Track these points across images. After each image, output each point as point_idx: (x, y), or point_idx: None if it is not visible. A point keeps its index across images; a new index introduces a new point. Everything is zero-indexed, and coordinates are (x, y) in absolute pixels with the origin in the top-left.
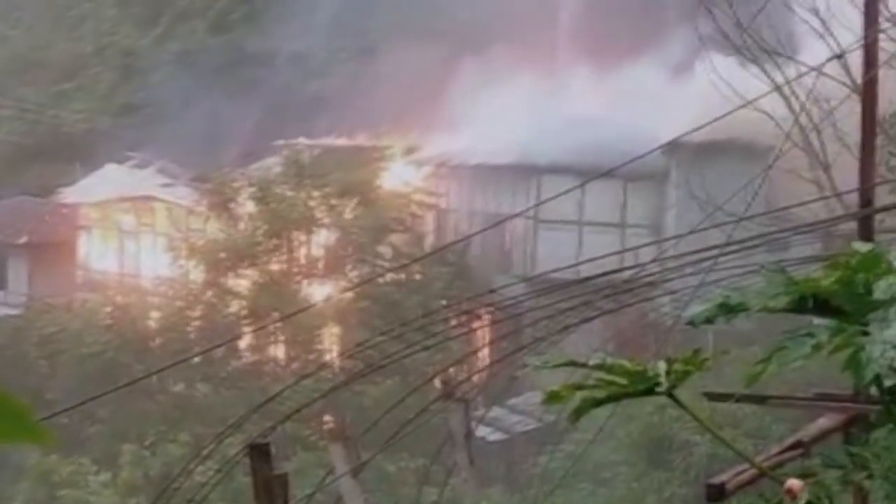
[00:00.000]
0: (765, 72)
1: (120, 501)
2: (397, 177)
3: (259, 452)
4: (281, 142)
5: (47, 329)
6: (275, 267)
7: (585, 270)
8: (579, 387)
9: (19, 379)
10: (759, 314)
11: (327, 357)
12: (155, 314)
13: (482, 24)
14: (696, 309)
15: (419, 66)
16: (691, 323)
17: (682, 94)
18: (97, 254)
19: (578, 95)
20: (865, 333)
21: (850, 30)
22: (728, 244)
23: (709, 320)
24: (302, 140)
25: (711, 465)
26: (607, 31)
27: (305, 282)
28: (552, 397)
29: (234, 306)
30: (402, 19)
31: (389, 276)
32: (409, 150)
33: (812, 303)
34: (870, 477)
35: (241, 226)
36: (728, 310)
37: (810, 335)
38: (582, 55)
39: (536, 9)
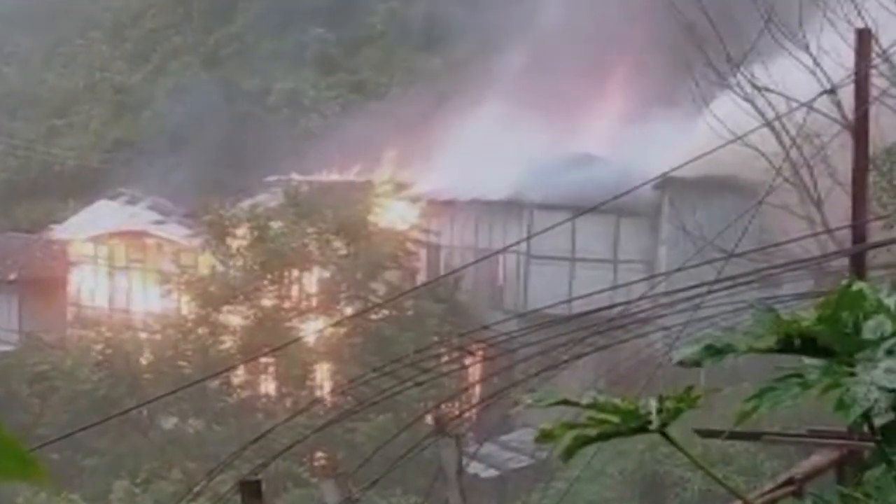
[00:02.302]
0: (756, 108)
1: None
2: (390, 213)
3: (250, 489)
4: (273, 178)
5: (39, 366)
6: (268, 303)
7: (578, 306)
8: (572, 425)
9: (11, 415)
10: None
11: (319, 393)
12: (147, 350)
13: (476, 61)
14: (684, 350)
15: (411, 103)
16: (681, 364)
17: (675, 130)
18: (88, 290)
19: (571, 133)
20: (853, 374)
21: (841, 66)
22: (719, 280)
23: (696, 363)
24: (294, 176)
25: (704, 501)
26: (599, 68)
27: (299, 318)
28: (545, 436)
29: (227, 342)
30: (394, 57)
31: (382, 312)
32: (402, 187)
33: (800, 342)
34: None
35: (235, 262)
36: (715, 352)
37: (798, 376)
38: (574, 93)
39: (529, 47)
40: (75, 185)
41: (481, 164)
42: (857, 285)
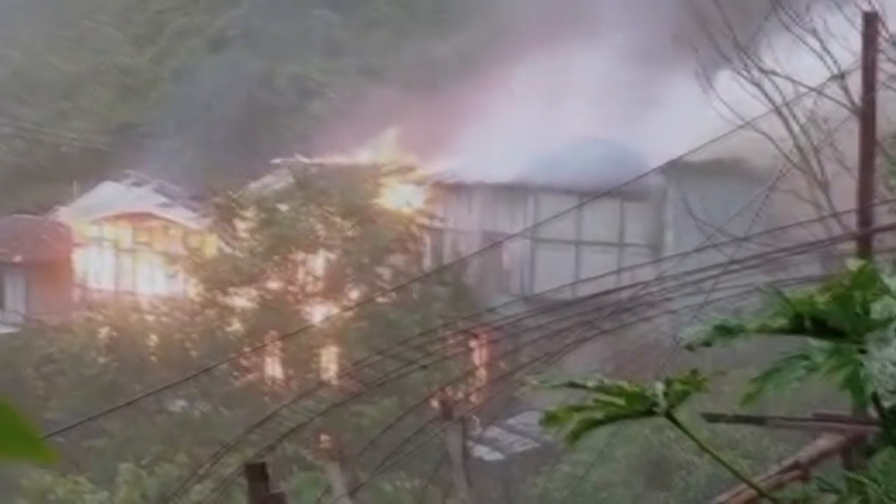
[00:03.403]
0: (763, 92)
1: None
2: (396, 196)
3: (256, 472)
4: (279, 160)
5: (46, 349)
6: (274, 285)
7: (584, 290)
8: (577, 408)
9: (17, 399)
10: (756, 335)
11: (325, 376)
12: (154, 333)
13: (481, 43)
14: (693, 332)
15: (417, 86)
16: (689, 347)
17: (680, 114)
18: (94, 272)
19: (576, 116)
20: (863, 352)
21: (848, 50)
22: (728, 263)
23: (706, 343)
24: (300, 158)
25: (710, 485)
26: (604, 51)
27: (305, 301)
28: (550, 419)
29: (234, 325)
30: (401, 40)
31: (387, 296)
32: (408, 170)
33: (810, 323)
34: (866, 502)
35: (242, 244)
36: (725, 332)
37: (804, 357)
38: (579, 75)
39: (535, 29)
40: (81, 168)
41: (487, 148)
42: (868, 265)
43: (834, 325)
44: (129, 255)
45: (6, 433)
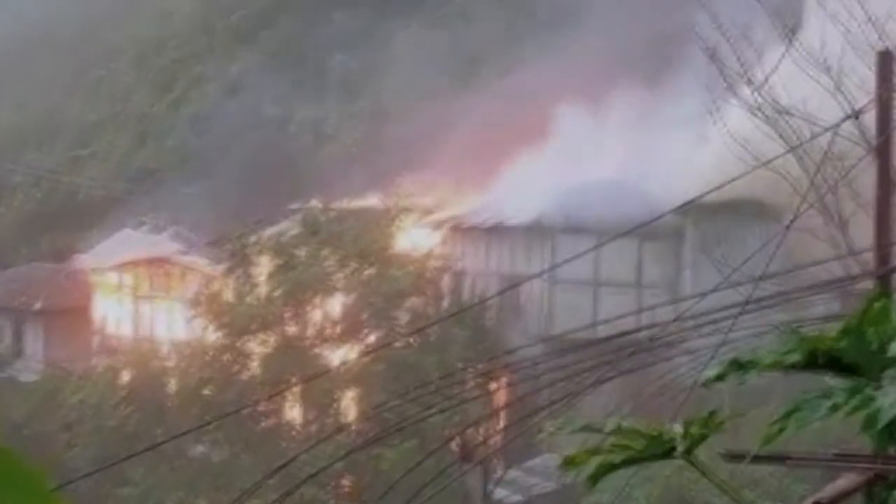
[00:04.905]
0: (777, 132)
1: None
2: (413, 239)
3: None
4: (295, 205)
5: (68, 399)
6: (292, 330)
7: (602, 331)
8: (595, 451)
9: (40, 448)
10: (773, 373)
11: (344, 420)
12: (172, 379)
13: (497, 87)
14: (710, 372)
15: (433, 129)
16: (704, 384)
17: (696, 154)
18: (113, 318)
19: (591, 157)
20: (879, 389)
21: (861, 88)
22: (746, 303)
23: (720, 378)
24: (316, 203)
25: None
26: (621, 93)
27: (323, 346)
28: (569, 463)
29: (252, 370)
30: (416, 82)
31: (405, 339)
32: (424, 213)
33: (824, 360)
34: None
35: (259, 290)
36: (739, 367)
37: (826, 396)
38: (595, 116)
39: (549, 70)
40: (99, 215)
41: (504, 190)
42: (882, 302)
43: (849, 361)
44: (147, 302)
45: (26, 495)
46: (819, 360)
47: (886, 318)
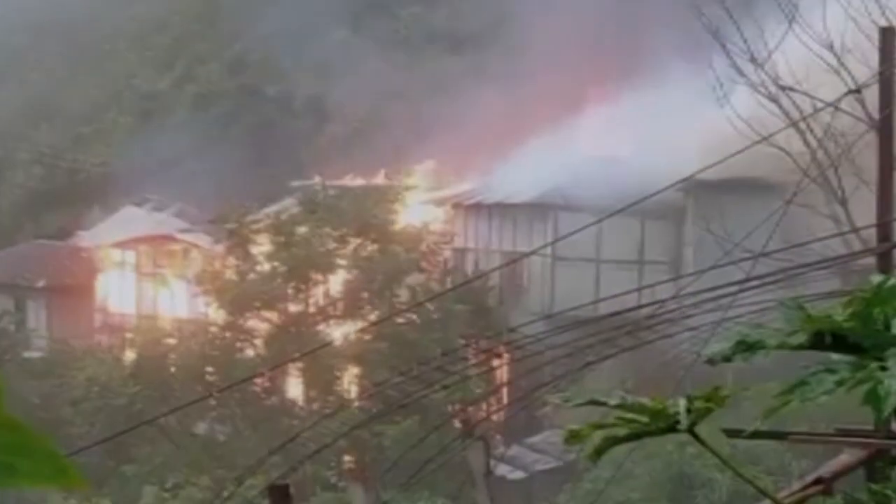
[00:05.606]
0: (780, 108)
1: None
2: (415, 216)
3: (279, 493)
4: (297, 182)
5: (76, 376)
6: (293, 308)
7: (604, 308)
8: (599, 425)
9: (43, 424)
10: (776, 350)
11: (346, 397)
12: (175, 357)
13: (500, 64)
14: (714, 347)
15: (435, 107)
16: (710, 361)
17: (699, 130)
18: (116, 295)
19: (594, 134)
20: (883, 369)
21: (865, 64)
22: (747, 280)
23: (727, 359)
24: (318, 180)
25: (733, 502)
26: (623, 69)
27: (324, 323)
28: (572, 436)
29: (254, 347)
30: (418, 61)
31: (407, 316)
32: (426, 190)
33: (830, 339)
34: None
35: (260, 267)
36: (746, 348)
37: (831, 371)
38: (598, 93)
39: (553, 48)
40: (102, 192)
41: (506, 167)
42: (891, 282)
43: (854, 340)
44: (150, 279)
45: (32, 458)
46: (825, 339)
47: (893, 297)
